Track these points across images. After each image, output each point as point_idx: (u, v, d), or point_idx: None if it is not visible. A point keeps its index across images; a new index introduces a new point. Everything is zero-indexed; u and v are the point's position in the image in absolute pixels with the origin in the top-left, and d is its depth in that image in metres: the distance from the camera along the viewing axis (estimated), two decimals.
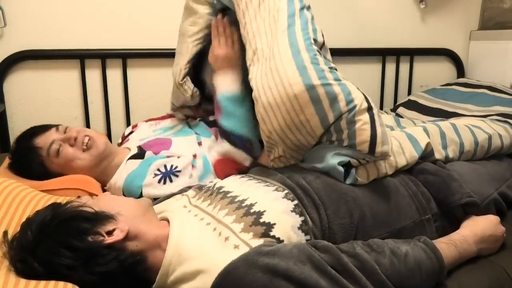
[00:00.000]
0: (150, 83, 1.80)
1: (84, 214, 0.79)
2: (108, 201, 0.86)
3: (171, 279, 0.79)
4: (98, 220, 0.79)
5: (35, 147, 1.20)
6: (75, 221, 0.78)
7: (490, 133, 1.24)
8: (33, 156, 1.19)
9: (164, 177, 1.16)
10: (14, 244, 0.78)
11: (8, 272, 0.75)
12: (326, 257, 0.77)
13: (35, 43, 1.61)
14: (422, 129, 1.17)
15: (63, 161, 1.20)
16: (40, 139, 1.21)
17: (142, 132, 1.45)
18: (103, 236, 0.78)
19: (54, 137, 1.21)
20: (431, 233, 1.00)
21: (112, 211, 0.82)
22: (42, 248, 0.75)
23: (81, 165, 1.21)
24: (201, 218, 0.89)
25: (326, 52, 1.11)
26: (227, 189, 0.97)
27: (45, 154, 1.19)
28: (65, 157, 1.19)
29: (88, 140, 1.22)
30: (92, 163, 1.22)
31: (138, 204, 0.89)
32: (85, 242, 0.76)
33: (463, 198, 1.02)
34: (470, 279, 0.92)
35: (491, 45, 2.18)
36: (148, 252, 0.81)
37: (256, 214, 0.85)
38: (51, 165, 1.20)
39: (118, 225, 0.80)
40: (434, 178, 1.05)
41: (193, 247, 0.80)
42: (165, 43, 1.77)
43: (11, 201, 0.94)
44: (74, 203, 0.82)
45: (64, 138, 1.22)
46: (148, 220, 0.86)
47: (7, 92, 1.62)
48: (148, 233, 0.83)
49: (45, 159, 1.19)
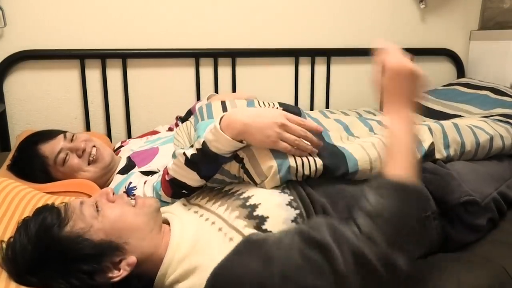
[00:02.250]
0: (150, 83, 1.80)
1: (86, 251, 0.74)
2: (114, 222, 0.78)
3: (170, 280, 0.79)
4: (104, 255, 0.75)
5: (41, 156, 1.19)
6: (78, 262, 0.73)
7: (491, 134, 1.24)
8: (38, 163, 1.19)
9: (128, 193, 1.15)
10: (10, 256, 0.75)
11: (9, 278, 0.74)
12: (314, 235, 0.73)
13: (35, 43, 1.61)
14: (427, 127, 1.16)
15: (68, 170, 1.20)
16: (46, 147, 1.20)
17: (134, 143, 1.46)
18: (110, 269, 0.76)
19: (62, 146, 1.20)
20: (431, 230, 1.00)
21: (119, 240, 0.77)
22: (42, 274, 0.73)
23: (85, 176, 1.21)
24: (200, 215, 0.89)
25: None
26: (228, 187, 0.97)
27: (51, 163, 1.19)
28: (70, 167, 1.20)
29: (95, 152, 1.23)
30: (96, 175, 1.23)
31: (147, 218, 0.83)
32: (90, 283, 0.74)
33: (463, 197, 1.02)
34: (469, 277, 0.92)
35: (491, 45, 2.18)
36: (149, 263, 0.81)
37: (251, 207, 0.85)
38: (56, 173, 1.20)
39: (125, 255, 0.77)
40: (433, 177, 1.05)
41: (192, 244, 0.80)
42: (165, 43, 1.78)
43: (10, 200, 0.94)
44: (75, 225, 0.76)
45: (72, 148, 1.22)
46: (155, 234, 0.83)
47: (7, 92, 1.62)
48: (154, 253, 0.81)
49: (51, 167, 1.20)
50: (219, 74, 1.88)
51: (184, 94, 1.86)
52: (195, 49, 1.82)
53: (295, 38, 1.98)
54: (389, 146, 0.82)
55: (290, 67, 2.00)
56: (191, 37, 1.82)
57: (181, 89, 1.85)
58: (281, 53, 1.96)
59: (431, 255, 1.02)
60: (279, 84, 1.98)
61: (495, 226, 1.12)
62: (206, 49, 1.83)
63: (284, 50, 1.96)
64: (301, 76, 2.01)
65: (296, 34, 1.98)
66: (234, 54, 1.88)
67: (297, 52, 1.98)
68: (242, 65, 1.92)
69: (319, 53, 2.01)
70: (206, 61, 1.85)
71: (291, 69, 2.00)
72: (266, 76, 1.97)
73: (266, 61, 1.96)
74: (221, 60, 1.88)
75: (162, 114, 1.84)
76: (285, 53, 1.97)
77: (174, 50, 1.79)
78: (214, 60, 1.86)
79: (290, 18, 1.96)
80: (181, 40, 1.80)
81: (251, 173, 0.94)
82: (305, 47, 1.99)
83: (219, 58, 1.87)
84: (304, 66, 2.00)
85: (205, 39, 1.84)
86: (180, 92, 1.85)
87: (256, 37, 1.92)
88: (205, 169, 0.94)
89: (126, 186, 1.16)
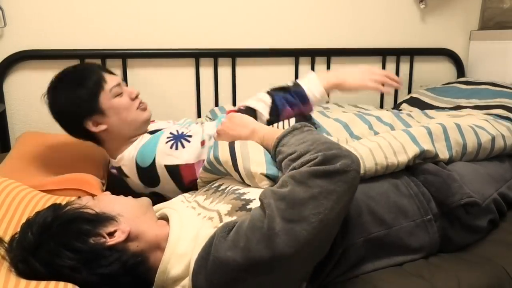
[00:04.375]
0: (150, 83, 1.80)
1: (85, 216, 0.79)
2: (108, 202, 0.86)
3: (169, 277, 0.80)
4: (99, 222, 0.79)
5: (101, 77, 1.19)
6: (76, 223, 0.78)
7: (493, 134, 1.24)
8: (95, 80, 1.18)
9: (176, 142, 1.18)
10: (14, 245, 0.78)
11: (9, 272, 0.75)
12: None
13: (35, 43, 1.61)
14: (427, 132, 1.15)
15: (116, 105, 1.19)
16: (107, 76, 1.21)
17: (161, 123, 1.46)
18: (105, 237, 0.78)
19: (120, 82, 1.23)
20: (433, 234, 1.00)
21: (113, 212, 0.82)
22: (43, 249, 0.75)
23: (129, 117, 1.21)
24: (198, 213, 0.90)
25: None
26: (224, 186, 0.99)
27: (107, 89, 1.18)
28: (120, 102, 1.20)
29: (145, 105, 1.27)
30: (133, 124, 1.23)
31: (139, 203, 0.90)
32: (87, 244, 0.76)
33: (463, 198, 1.02)
34: (469, 277, 0.92)
35: (491, 45, 2.18)
36: (149, 253, 0.82)
37: (245, 200, 0.87)
38: (104, 101, 1.18)
39: (119, 226, 0.80)
40: (434, 178, 1.05)
41: (192, 240, 0.81)
42: (165, 43, 1.78)
43: (11, 201, 0.94)
44: (75, 205, 0.82)
45: (128, 90, 1.24)
46: (148, 219, 0.87)
47: (7, 92, 1.62)
48: (149, 233, 0.83)
49: (104, 93, 1.18)
50: (219, 74, 1.88)
51: (184, 94, 1.86)
52: (195, 49, 1.82)
53: (295, 38, 1.98)
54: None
55: (290, 67, 2.00)
56: (191, 37, 1.82)
57: (181, 89, 1.85)
58: (281, 53, 1.96)
59: (431, 255, 1.02)
60: (279, 84, 1.98)
61: (495, 227, 1.12)
62: (206, 49, 1.83)
63: (284, 50, 1.96)
64: (301, 76, 2.00)
65: (296, 34, 1.98)
66: (234, 54, 1.88)
67: (297, 52, 1.98)
68: (242, 65, 1.92)
69: (319, 53, 2.01)
70: (206, 61, 1.85)
71: (291, 69, 2.00)
72: (266, 76, 1.97)
73: (266, 61, 1.96)
74: (221, 60, 1.88)
75: (162, 114, 1.83)
76: (285, 53, 1.97)
77: (174, 50, 1.79)
78: (214, 60, 1.86)
79: (290, 18, 1.96)
80: (181, 40, 1.80)
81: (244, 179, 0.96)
82: (305, 47, 1.99)
83: (219, 58, 1.87)
84: (304, 66, 2.00)
85: (205, 39, 1.84)
86: (180, 92, 1.85)
87: (256, 37, 1.92)
88: (279, 99, 1.16)
89: (173, 133, 1.20)
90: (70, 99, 1.17)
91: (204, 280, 0.74)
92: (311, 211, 0.72)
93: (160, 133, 1.23)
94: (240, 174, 0.95)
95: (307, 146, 0.83)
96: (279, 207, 0.73)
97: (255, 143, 1.01)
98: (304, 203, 0.73)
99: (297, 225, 0.71)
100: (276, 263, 0.71)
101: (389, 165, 1.05)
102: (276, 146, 0.93)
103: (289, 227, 0.71)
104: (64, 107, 1.18)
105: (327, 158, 0.77)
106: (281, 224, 0.71)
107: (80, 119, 1.18)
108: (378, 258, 0.96)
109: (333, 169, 0.75)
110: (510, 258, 0.99)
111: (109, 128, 1.20)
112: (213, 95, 1.90)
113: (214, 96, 1.90)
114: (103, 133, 1.21)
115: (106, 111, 1.18)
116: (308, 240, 0.71)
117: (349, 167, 0.76)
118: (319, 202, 0.73)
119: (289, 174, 0.79)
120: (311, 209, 0.72)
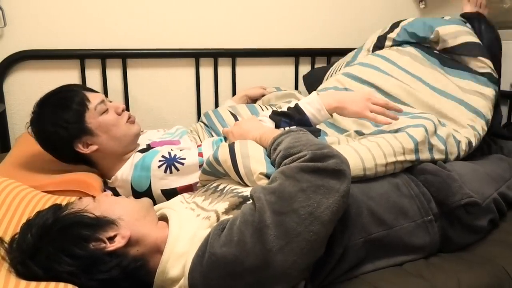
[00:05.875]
0: (150, 83, 1.80)
1: (85, 220, 0.79)
2: (109, 205, 0.85)
3: (168, 277, 0.80)
4: (99, 226, 0.79)
5: (84, 97, 1.18)
6: (76, 227, 0.77)
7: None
8: (78, 101, 1.17)
9: (169, 165, 1.16)
10: (14, 246, 0.78)
11: (9, 273, 0.75)
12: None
13: (35, 43, 1.61)
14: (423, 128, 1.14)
15: (103, 122, 1.18)
16: (90, 94, 1.20)
17: (151, 134, 1.46)
18: (105, 242, 0.77)
19: (104, 99, 1.22)
20: (433, 234, 1.00)
21: (113, 216, 0.81)
22: (42, 254, 0.75)
23: (118, 132, 1.20)
24: (197, 214, 0.90)
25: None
26: (222, 186, 0.99)
27: (91, 108, 1.17)
28: (107, 119, 1.19)
29: (133, 118, 1.27)
30: (128, 136, 1.22)
31: (139, 205, 0.89)
32: (86, 250, 0.76)
33: (464, 198, 1.02)
34: (469, 277, 0.92)
35: None
36: (149, 256, 0.82)
37: (243, 197, 0.87)
38: (89, 119, 1.17)
39: (120, 230, 0.80)
40: (434, 178, 1.05)
41: (190, 240, 0.81)
42: (165, 43, 1.78)
43: (11, 201, 0.94)
44: (75, 208, 0.82)
45: (113, 106, 1.23)
46: (149, 222, 0.86)
47: (7, 92, 1.62)
48: (149, 237, 0.83)
49: (89, 112, 1.17)
50: (219, 74, 1.88)
51: (184, 94, 1.86)
52: (195, 49, 1.82)
53: (295, 38, 1.98)
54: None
55: (290, 67, 2.00)
56: (191, 37, 1.82)
57: (181, 89, 1.85)
58: (281, 53, 1.96)
59: (431, 255, 1.02)
60: (279, 84, 1.97)
61: (496, 227, 1.12)
62: (206, 49, 1.83)
63: (284, 50, 1.96)
64: (301, 76, 2.01)
65: (296, 34, 1.99)
66: (234, 54, 1.88)
67: (297, 52, 1.98)
68: (242, 65, 1.92)
69: (319, 53, 2.02)
70: (206, 61, 1.85)
71: (291, 69, 2.00)
72: (266, 76, 1.97)
73: (266, 61, 1.96)
74: (221, 60, 1.88)
75: (162, 114, 1.84)
76: (285, 53, 1.97)
77: (174, 50, 1.79)
78: (214, 60, 1.86)
79: (290, 18, 1.96)
80: (181, 40, 1.80)
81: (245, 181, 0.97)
82: (305, 47, 1.99)
83: (219, 58, 1.87)
84: (304, 66, 2.00)
85: (205, 39, 1.84)
86: (180, 92, 1.85)
87: (256, 37, 1.92)
88: (284, 124, 1.13)
89: (165, 156, 1.18)
90: (56, 124, 1.14)
91: (201, 277, 0.75)
92: (301, 203, 0.74)
93: (152, 155, 1.19)
94: (239, 174, 0.95)
95: (300, 146, 0.86)
96: (269, 200, 0.75)
97: (254, 143, 1.02)
98: (293, 196, 0.75)
99: (286, 217, 0.73)
100: (270, 256, 0.72)
101: (389, 163, 1.06)
102: (271, 145, 0.95)
103: (279, 219, 0.73)
104: (51, 133, 1.15)
105: (317, 156, 0.80)
106: (272, 216, 0.73)
107: (70, 142, 1.16)
108: (378, 258, 0.96)
109: (322, 166, 0.78)
110: (510, 258, 0.99)
111: (100, 148, 1.19)
112: (213, 95, 1.90)
113: (214, 96, 1.90)
114: (94, 153, 1.20)
115: (94, 131, 1.17)
116: (299, 232, 0.73)
117: (338, 166, 0.79)
118: (307, 195, 0.75)
119: (279, 170, 0.81)
120: (300, 201, 0.74)
